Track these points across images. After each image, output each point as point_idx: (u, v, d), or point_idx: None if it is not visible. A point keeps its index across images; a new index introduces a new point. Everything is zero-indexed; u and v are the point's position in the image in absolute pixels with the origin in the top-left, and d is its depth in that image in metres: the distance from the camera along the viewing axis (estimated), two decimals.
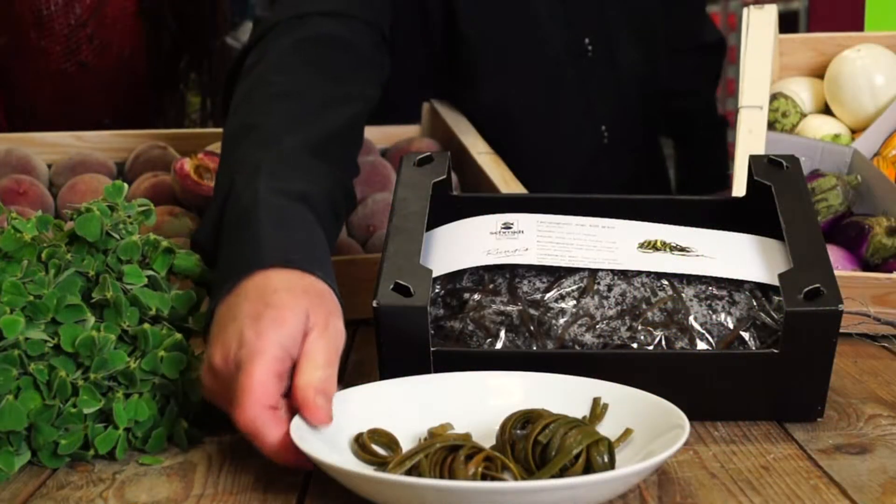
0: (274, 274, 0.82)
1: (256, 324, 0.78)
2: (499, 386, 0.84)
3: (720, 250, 0.92)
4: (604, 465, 0.74)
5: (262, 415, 0.75)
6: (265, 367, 0.76)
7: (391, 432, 0.79)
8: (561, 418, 0.77)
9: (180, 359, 0.83)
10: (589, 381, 0.82)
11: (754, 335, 0.88)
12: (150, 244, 0.89)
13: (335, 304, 0.83)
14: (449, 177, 0.98)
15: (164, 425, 0.83)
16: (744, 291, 0.90)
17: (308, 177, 0.96)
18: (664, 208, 0.98)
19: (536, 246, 0.91)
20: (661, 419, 0.77)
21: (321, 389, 0.76)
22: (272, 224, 0.87)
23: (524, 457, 0.75)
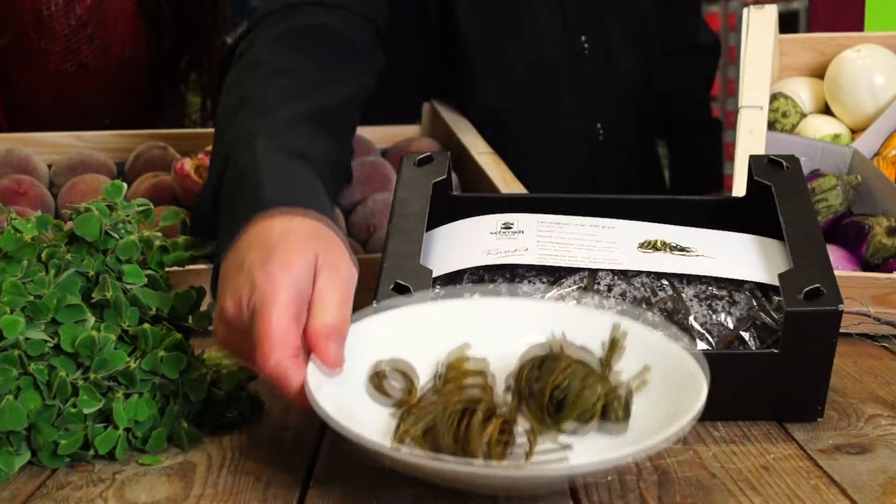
0: (276, 219, 0.81)
1: (265, 269, 0.77)
2: (517, 311, 0.84)
3: (720, 250, 0.92)
4: (619, 420, 0.75)
5: (284, 362, 0.74)
6: (281, 312, 0.75)
7: (408, 362, 0.79)
8: (578, 365, 0.77)
9: (180, 359, 0.83)
10: (609, 314, 0.82)
11: (754, 335, 0.88)
12: (144, 242, 0.89)
13: (342, 244, 0.82)
14: (449, 177, 0.98)
15: (164, 425, 0.83)
16: (744, 291, 0.90)
17: (305, 139, 0.96)
18: (664, 208, 0.98)
19: (536, 246, 0.91)
20: (679, 372, 0.77)
21: (334, 333, 0.76)
22: (272, 175, 0.87)
23: (540, 406, 0.76)
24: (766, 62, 1.27)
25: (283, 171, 0.88)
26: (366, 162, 1.39)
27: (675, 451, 0.81)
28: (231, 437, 0.85)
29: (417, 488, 0.75)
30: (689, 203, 1.00)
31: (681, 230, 0.95)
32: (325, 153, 0.97)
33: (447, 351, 0.81)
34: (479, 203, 0.98)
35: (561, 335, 0.81)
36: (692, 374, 0.76)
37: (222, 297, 0.79)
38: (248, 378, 0.89)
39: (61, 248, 0.85)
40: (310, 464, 0.80)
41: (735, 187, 1.14)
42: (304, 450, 0.82)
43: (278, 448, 0.83)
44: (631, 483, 0.76)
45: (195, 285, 0.90)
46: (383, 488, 0.75)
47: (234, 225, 0.83)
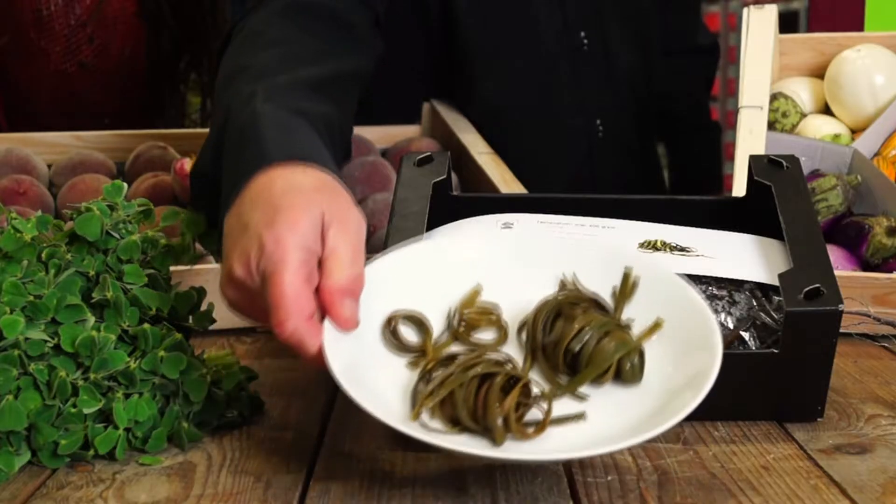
0: (278, 175, 0.81)
1: (272, 230, 0.76)
2: (529, 247, 0.85)
3: (720, 250, 0.92)
4: (633, 376, 0.77)
5: (301, 326, 0.74)
6: (292, 276, 0.74)
7: (421, 312, 0.80)
8: (593, 320, 0.78)
9: (180, 359, 0.83)
10: (626, 253, 0.84)
11: (754, 335, 0.88)
12: (148, 242, 0.89)
13: (348, 195, 0.81)
14: (449, 177, 0.98)
15: (164, 425, 0.82)
16: (744, 291, 0.90)
17: (305, 101, 0.95)
18: (664, 208, 0.98)
19: None
20: (692, 323, 0.79)
21: (348, 291, 0.76)
22: (273, 129, 0.86)
23: (554, 366, 0.78)
24: (766, 62, 1.27)
25: (284, 126, 0.87)
26: (366, 162, 1.39)
27: (675, 451, 0.81)
28: (231, 437, 0.85)
29: (418, 488, 0.75)
30: (689, 203, 1.00)
31: (681, 230, 0.95)
32: (324, 115, 0.96)
33: (459, 289, 0.82)
34: (479, 203, 0.98)
35: (573, 276, 0.83)
36: (706, 326, 0.78)
37: (229, 259, 0.79)
38: (249, 378, 0.89)
39: (61, 248, 0.85)
40: (310, 464, 0.80)
41: (735, 187, 1.14)
42: (305, 450, 0.82)
43: (278, 448, 0.83)
44: (631, 483, 0.76)
45: (195, 285, 0.90)
46: (384, 488, 0.75)
47: (236, 180, 0.83)
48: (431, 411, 0.75)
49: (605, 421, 0.75)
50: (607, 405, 0.77)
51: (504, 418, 0.73)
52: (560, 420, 0.75)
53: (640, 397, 0.77)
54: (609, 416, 0.76)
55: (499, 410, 0.73)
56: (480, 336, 0.82)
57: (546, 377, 0.79)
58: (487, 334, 0.82)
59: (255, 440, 0.84)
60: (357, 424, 0.86)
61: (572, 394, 0.78)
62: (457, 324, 0.82)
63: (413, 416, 0.74)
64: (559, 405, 0.77)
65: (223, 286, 0.80)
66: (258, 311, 0.78)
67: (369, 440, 0.83)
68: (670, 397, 0.75)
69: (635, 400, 0.77)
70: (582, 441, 0.73)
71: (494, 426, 0.73)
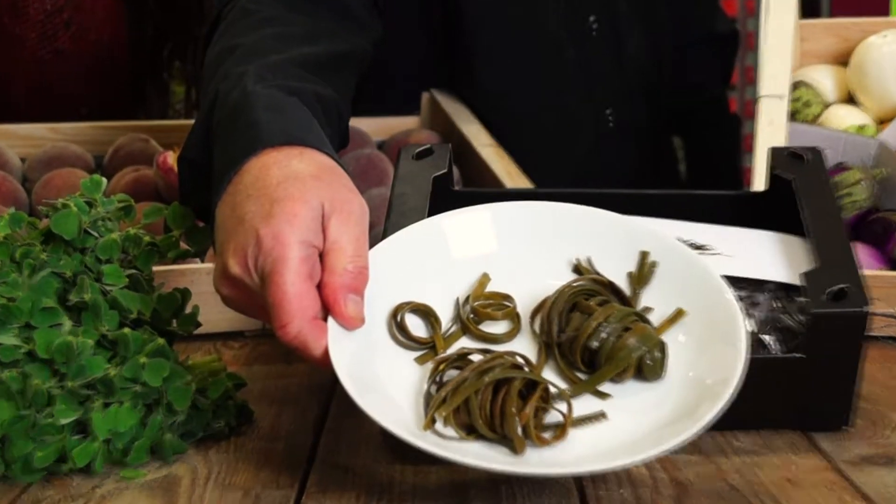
0: (273, 161, 0.80)
1: (269, 224, 0.76)
2: (539, 221, 0.86)
3: (739, 248, 0.92)
4: (654, 372, 0.78)
5: (305, 328, 0.74)
6: (294, 274, 0.75)
7: (427, 305, 0.82)
8: (612, 313, 0.79)
9: (163, 365, 0.82)
10: (644, 229, 0.85)
11: (777, 339, 0.87)
12: (129, 240, 0.88)
13: (349, 181, 0.82)
14: (450, 170, 0.98)
15: (146, 436, 0.82)
16: (765, 292, 0.89)
17: (300, 81, 0.95)
18: (679, 203, 0.98)
19: None
20: (714, 307, 0.80)
21: (352, 287, 0.76)
22: (266, 110, 0.86)
23: (571, 364, 0.79)
24: (786, 49, 1.27)
25: (278, 107, 0.87)
26: (361, 155, 1.38)
27: (693, 463, 0.80)
28: (218, 448, 0.84)
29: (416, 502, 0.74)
30: (705, 198, 1.00)
31: (697, 227, 0.95)
32: (320, 95, 0.96)
33: (465, 270, 0.84)
34: (483, 198, 0.97)
35: (587, 262, 0.84)
36: (730, 314, 0.79)
37: (224, 254, 0.79)
38: (236, 385, 0.89)
39: (36, 248, 0.85)
40: (302, 477, 0.79)
41: (754, 181, 1.14)
42: (297, 462, 0.81)
43: (268, 460, 0.82)
44: (646, 496, 0.75)
45: (180, 287, 0.90)
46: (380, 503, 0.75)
47: (228, 166, 0.82)
48: (444, 419, 0.75)
49: (625, 421, 0.76)
50: (627, 403, 0.78)
51: (524, 426, 0.74)
52: (580, 421, 0.76)
53: (661, 394, 0.78)
54: (629, 415, 0.76)
55: (518, 418, 0.73)
56: (491, 328, 0.82)
57: (562, 374, 0.80)
58: (499, 326, 0.83)
59: (244, 452, 0.84)
60: (353, 435, 0.85)
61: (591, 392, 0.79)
62: (466, 315, 0.83)
63: (425, 426, 0.74)
64: (576, 402, 0.77)
65: (218, 282, 0.80)
66: (256, 308, 0.78)
67: (366, 452, 0.83)
68: (693, 396, 0.76)
69: (656, 397, 0.77)
70: (603, 447, 0.74)
71: (514, 435, 0.73)
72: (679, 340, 0.80)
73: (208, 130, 0.91)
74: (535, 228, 0.87)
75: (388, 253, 0.83)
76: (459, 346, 0.81)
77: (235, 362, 1.02)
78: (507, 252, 0.86)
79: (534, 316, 0.83)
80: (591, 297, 0.82)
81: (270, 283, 0.75)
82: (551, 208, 0.87)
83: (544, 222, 0.87)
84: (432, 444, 0.71)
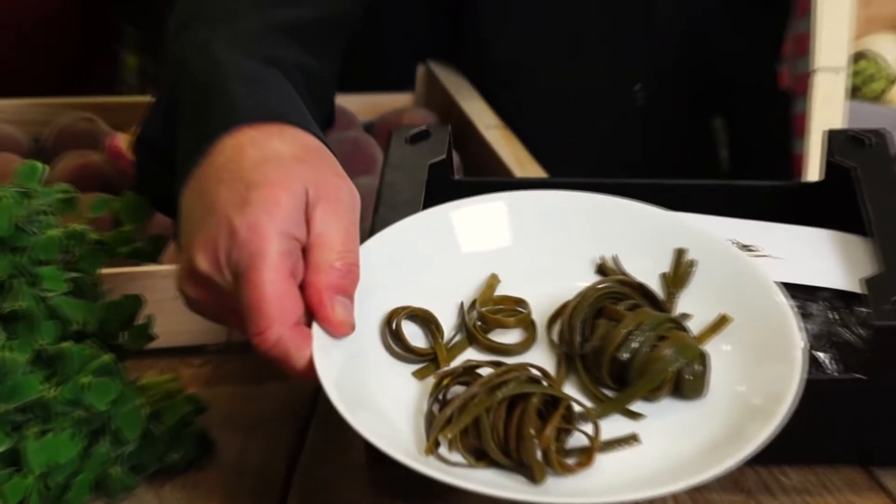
0: (248, 140, 0.80)
1: (245, 214, 0.76)
2: (559, 213, 0.87)
3: (789, 249, 0.92)
4: (694, 388, 0.77)
5: (285, 335, 0.74)
6: (274, 272, 0.74)
7: (426, 310, 0.82)
8: (644, 320, 0.79)
9: (110, 386, 0.82)
10: (679, 222, 0.86)
11: (833, 356, 0.87)
12: (72, 237, 0.88)
13: (336, 163, 0.82)
14: (449, 156, 0.98)
15: (90, 470, 0.82)
16: (819, 301, 0.89)
17: (279, 48, 0.94)
18: (719, 196, 0.98)
19: None
20: (766, 311, 0.80)
21: (340, 287, 0.76)
22: (240, 82, 0.86)
23: (597, 379, 0.79)
24: (845, 14, 1.26)
25: (254, 78, 0.87)
26: (345, 138, 1.38)
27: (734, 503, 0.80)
28: (174, 484, 0.84)
29: None
30: (750, 189, 1.00)
31: (740, 224, 0.95)
32: (302, 65, 0.96)
33: (471, 269, 0.85)
34: (488, 189, 0.97)
35: (613, 261, 0.84)
36: (783, 320, 0.79)
37: (191, 248, 0.78)
38: (197, 410, 0.89)
39: None
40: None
41: (807, 170, 1.14)
42: (267, 500, 0.82)
43: (234, 498, 0.82)
44: None
45: (131, 293, 0.89)
46: None
47: (195, 147, 0.82)
48: (450, 442, 0.75)
49: (661, 446, 0.76)
50: (663, 424, 0.78)
51: (544, 450, 0.73)
52: (608, 445, 0.76)
53: (702, 414, 0.78)
54: (665, 439, 0.76)
55: (537, 441, 0.73)
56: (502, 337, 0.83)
57: (586, 391, 0.80)
58: (511, 335, 0.83)
59: (205, 489, 0.84)
60: (333, 467, 0.85)
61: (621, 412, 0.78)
62: (472, 322, 0.83)
63: (427, 450, 0.74)
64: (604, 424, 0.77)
65: (182, 281, 0.80)
66: (227, 313, 0.78)
67: (349, 487, 0.83)
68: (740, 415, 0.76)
69: (697, 417, 0.77)
70: (634, 474, 0.73)
71: (533, 461, 0.73)
72: (723, 351, 0.80)
73: (171, 106, 0.90)
74: (553, 222, 0.87)
75: (383, 248, 0.83)
76: (465, 359, 0.81)
77: (195, 382, 1.02)
78: (521, 249, 0.86)
79: (552, 323, 0.83)
80: (619, 300, 0.81)
81: (246, 282, 0.75)
82: (573, 199, 0.87)
83: (564, 215, 0.87)
84: (437, 470, 0.71)
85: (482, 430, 0.74)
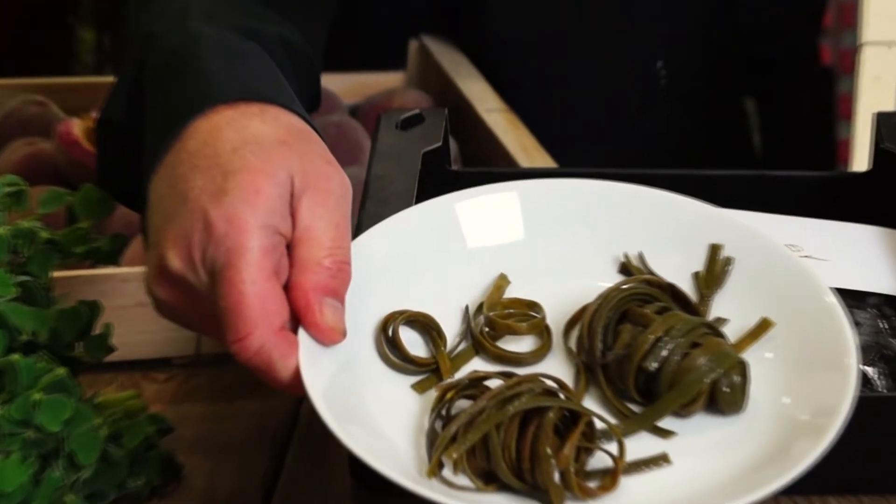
0: (226, 121, 0.80)
1: (221, 204, 0.76)
2: (576, 205, 0.87)
3: (834, 249, 0.92)
4: (733, 402, 0.77)
5: (269, 341, 0.74)
6: (255, 270, 0.74)
7: (427, 314, 0.82)
8: (675, 324, 0.78)
9: (63, 403, 0.82)
10: (713, 215, 0.86)
11: (882, 371, 0.87)
12: (20, 236, 0.88)
13: (325, 148, 0.81)
14: (445, 144, 0.99)
15: (41, 498, 0.82)
16: (867, 308, 0.90)
17: (259, 20, 0.94)
18: (753, 187, 0.99)
19: None
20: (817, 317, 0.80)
21: (330, 288, 0.76)
22: (217, 57, 0.86)
23: (620, 392, 0.79)
24: None
25: (232, 52, 0.87)
26: (328, 123, 1.38)
27: None
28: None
29: None
30: (789, 181, 1.00)
31: (778, 220, 0.95)
32: (284, 39, 0.96)
33: (478, 269, 0.85)
34: (489, 181, 0.97)
35: (638, 258, 0.85)
36: (833, 324, 0.79)
37: (161, 244, 0.78)
38: (161, 431, 0.89)
39: None
40: None
41: (854, 158, 1.14)
42: None
43: None
44: None
45: (87, 299, 0.90)
46: None
47: (165, 130, 0.82)
48: (455, 462, 0.74)
49: (694, 467, 0.75)
50: (696, 443, 0.77)
51: (562, 472, 0.73)
52: (635, 466, 0.75)
53: (741, 431, 0.77)
54: (699, 459, 0.76)
55: (555, 462, 0.73)
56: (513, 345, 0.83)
57: (609, 405, 0.79)
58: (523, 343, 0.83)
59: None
60: (315, 495, 0.86)
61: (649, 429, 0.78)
62: (479, 328, 0.83)
63: (429, 472, 0.74)
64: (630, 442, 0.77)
65: (151, 282, 0.79)
66: (202, 317, 0.78)
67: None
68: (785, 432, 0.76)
69: (735, 434, 0.77)
70: (663, 499, 0.73)
71: (550, 484, 0.73)
72: (765, 359, 0.80)
73: (137, 85, 0.90)
74: (570, 214, 0.87)
75: (378, 244, 0.84)
76: (471, 370, 0.81)
77: (160, 400, 1.02)
78: (534, 245, 0.86)
79: (569, 329, 0.84)
80: (645, 303, 0.81)
81: (223, 282, 0.74)
82: (592, 187, 0.87)
83: (582, 206, 0.87)
84: (441, 495, 0.71)
85: (492, 450, 0.74)
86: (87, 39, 2.00)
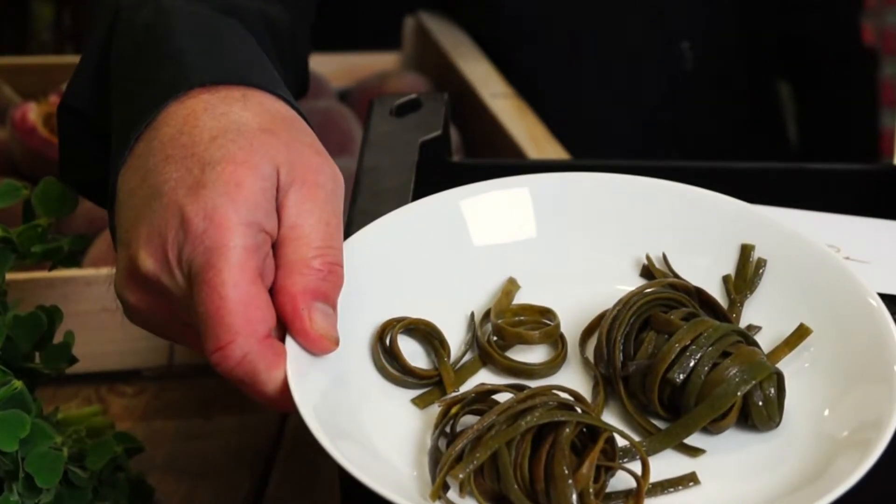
0: (203, 107, 0.80)
1: (198, 198, 0.75)
2: (594, 201, 0.87)
3: (876, 250, 0.93)
4: (767, 417, 0.77)
5: (253, 350, 0.74)
6: (237, 273, 0.74)
7: (428, 321, 0.82)
8: (703, 332, 0.78)
9: (20, 420, 0.82)
10: (745, 212, 0.86)
11: None
12: None
13: (314, 139, 0.81)
14: (445, 133, 0.99)
15: None
16: None
17: None
18: (788, 181, 0.99)
19: None
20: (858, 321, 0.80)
21: (320, 292, 0.76)
22: (192, 35, 0.85)
23: (642, 406, 0.79)
24: None
25: (209, 30, 0.86)
26: (315, 109, 1.39)
27: None
28: None
29: None
30: (826, 174, 1.00)
31: (814, 217, 0.95)
32: (267, 15, 0.95)
33: (484, 273, 0.85)
34: (494, 174, 0.98)
35: (662, 259, 0.85)
36: (877, 330, 0.79)
37: (132, 243, 0.78)
38: (130, 451, 0.89)
39: None
40: None
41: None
42: None
43: None
44: None
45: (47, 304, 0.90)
46: None
47: (136, 116, 0.82)
48: (461, 483, 0.74)
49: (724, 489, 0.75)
50: (727, 461, 0.77)
51: (580, 493, 0.73)
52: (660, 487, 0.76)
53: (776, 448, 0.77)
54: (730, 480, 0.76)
55: (572, 482, 0.73)
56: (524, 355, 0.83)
57: (631, 420, 0.79)
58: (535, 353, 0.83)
59: None
60: None
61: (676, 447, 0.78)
62: (487, 336, 0.83)
63: (433, 494, 0.74)
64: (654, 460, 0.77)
65: (121, 285, 0.79)
66: (179, 324, 0.78)
67: None
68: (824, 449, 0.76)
69: (769, 452, 0.77)
70: None
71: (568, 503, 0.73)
72: (802, 369, 0.80)
73: (103, 67, 0.90)
74: (586, 212, 0.87)
75: (374, 244, 0.83)
76: (477, 382, 0.81)
77: (129, 416, 1.02)
78: (547, 246, 0.86)
79: (586, 338, 0.84)
80: (670, 309, 0.81)
81: (202, 285, 0.74)
82: (611, 183, 0.88)
83: (600, 203, 0.88)
84: None
85: (502, 469, 0.74)
86: (44, 15, 2.00)
